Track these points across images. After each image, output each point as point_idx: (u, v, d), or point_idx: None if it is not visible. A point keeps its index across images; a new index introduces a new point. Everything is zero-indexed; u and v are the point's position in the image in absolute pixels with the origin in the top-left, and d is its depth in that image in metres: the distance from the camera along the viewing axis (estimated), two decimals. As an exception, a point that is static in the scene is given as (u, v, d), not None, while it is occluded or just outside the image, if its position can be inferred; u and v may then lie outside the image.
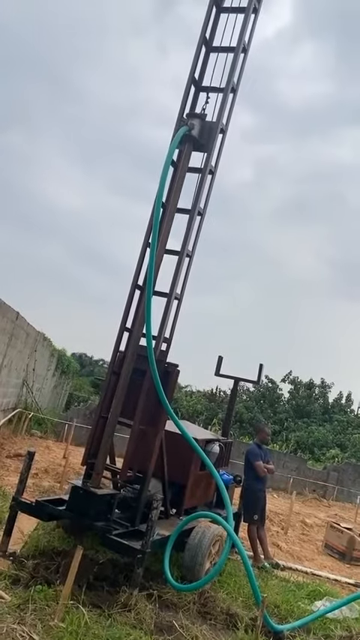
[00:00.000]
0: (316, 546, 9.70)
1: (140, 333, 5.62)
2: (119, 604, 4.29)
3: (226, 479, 7.12)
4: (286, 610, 5.40)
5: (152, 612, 4.38)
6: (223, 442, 7.24)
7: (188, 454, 6.03)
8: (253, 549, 7.26)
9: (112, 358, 5.78)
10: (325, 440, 27.31)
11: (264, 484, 7.71)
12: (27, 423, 14.42)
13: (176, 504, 6.19)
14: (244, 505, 7.50)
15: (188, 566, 5.40)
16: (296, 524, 11.07)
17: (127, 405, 5.46)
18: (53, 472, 9.70)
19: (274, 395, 32.53)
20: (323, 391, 32.58)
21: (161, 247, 5.73)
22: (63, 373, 24.99)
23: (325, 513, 13.97)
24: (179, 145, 5.81)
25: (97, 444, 5.42)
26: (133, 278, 5.80)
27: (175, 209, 5.87)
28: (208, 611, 4.84)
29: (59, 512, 5.12)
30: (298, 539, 9.93)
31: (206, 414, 28.96)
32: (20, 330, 14.52)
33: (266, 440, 8.33)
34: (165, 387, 5.42)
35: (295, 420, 30.06)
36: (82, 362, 45.47)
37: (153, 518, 4.72)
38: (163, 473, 5.78)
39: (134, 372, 5.51)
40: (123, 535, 4.92)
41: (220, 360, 8.60)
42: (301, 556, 8.68)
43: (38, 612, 3.85)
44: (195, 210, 5.87)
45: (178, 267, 5.77)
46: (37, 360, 17.87)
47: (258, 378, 8.55)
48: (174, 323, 5.87)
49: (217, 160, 6.21)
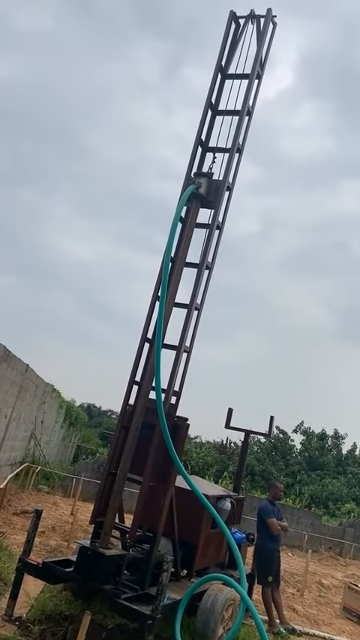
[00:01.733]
0: (334, 609, 9.19)
1: (149, 387, 5.61)
2: None
3: (238, 537, 6.89)
4: None
5: None
6: (235, 498, 7.05)
7: (199, 512, 5.87)
8: (268, 613, 6.91)
9: (122, 412, 5.75)
10: (339, 494, 26.44)
11: (278, 543, 7.44)
12: (34, 477, 14.15)
13: (187, 565, 5.98)
14: (258, 566, 7.22)
15: (200, 633, 5.14)
16: (312, 585, 10.55)
17: (137, 460, 5.38)
18: (60, 530, 9.43)
19: (285, 446, 31.84)
20: (336, 442, 31.86)
21: (170, 301, 5.81)
22: (71, 425, 24.74)
23: (342, 573, 13.33)
24: (187, 202, 6.01)
25: (106, 502, 5.31)
26: (142, 331, 5.85)
27: (183, 263, 6.00)
28: None
29: (66, 575, 4.95)
30: (315, 601, 9.44)
31: (217, 466, 28.29)
32: (29, 382, 14.53)
33: (279, 496, 8.09)
34: (175, 442, 5.35)
35: (309, 472, 29.25)
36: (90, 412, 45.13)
37: (164, 581, 4.54)
38: (173, 532, 5.61)
39: (143, 426, 5.47)
40: (132, 599, 4.73)
41: (230, 412, 8.51)
42: (319, 620, 8.22)
43: None
44: (203, 265, 5.99)
45: (187, 320, 5.83)
46: (46, 412, 17.76)
47: (269, 430, 8.42)
48: (183, 376, 5.87)
49: (224, 215, 6.39)
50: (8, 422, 12.87)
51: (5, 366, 11.76)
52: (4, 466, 13.28)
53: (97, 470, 16.62)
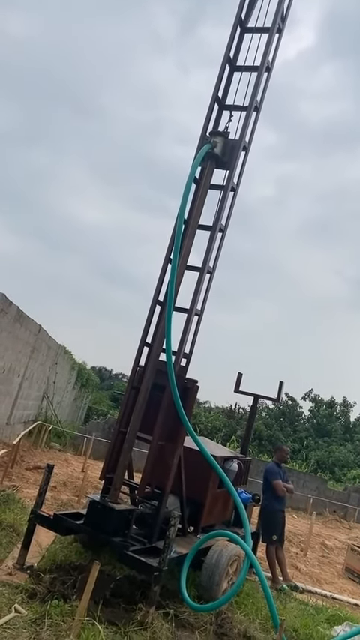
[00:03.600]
0: (337, 569, 9.46)
1: (160, 349, 5.63)
2: (135, 622, 4.24)
3: (244, 497, 7.03)
4: (304, 634, 5.26)
5: (168, 632, 4.32)
6: (242, 460, 7.17)
7: (206, 471, 5.98)
8: (272, 570, 7.13)
9: (132, 373, 5.80)
10: (346, 460, 26.81)
11: (283, 504, 7.59)
12: (46, 435, 14.50)
13: (194, 522, 6.13)
14: (263, 525, 7.39)
15: (205, 586, 5.32)
16: (316, 545, 10.83)
17: (146, 420, 5.46)
18: (72, 485, 9.71)
19: (294, 413, 32.18)
20: (345, 410, 32.12)
21: (182, 263, 5.77)
22: (83, 386, 25.15)
23: (345, 535, 13.64)
24: (202, 162, 5.88)
25: (116, 459, 5.43)
26: (154, 294, 5.84)
27: (196, 225, 5.92)
28: (225, 633, 4.74)
29: (77, 527, 5.11)
30: (318, 561, 9.70)
31: (225, 430, 28.73)
32: (42, 343, 14.70)
33: (285, 459, 8.22)
34: (184, 403, 5.41)
35: (316, 438, 29.62)
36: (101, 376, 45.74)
37: (170, 535, 4.68)
38: (181, 490, 5.74)
39: (153, 387, 5.52)
40: (140, 552, 4.89)
41: (240, 376, 8.55)
42: (321, 579, 8.48)
43: (54, 628, 3.83)
44: (216, 227, 5.91)
45: (199, 283, 5.79)
46: (58, 373, 18.03)
47: (278, 395, 8.46)
48: (194, 339, 5.88)
49: (239, 177, 6.26)
50: (21, 381, 13.11)
51: (18, 327, 11.88)
52: (17, 424, 13.61)
53: (108, 430, 16.96)
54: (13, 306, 11.11)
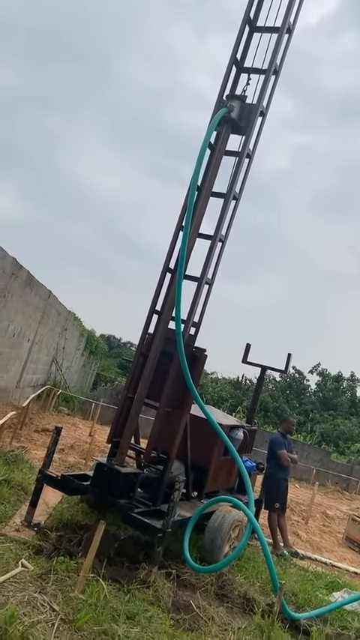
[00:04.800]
0: (337, 538, 9.65)
1: (169, 317, 5.63)
2: (138, 580, 4.37)
3: (248, 465, 7.12)
4: (303, 599, 5.40)
5: (170, 591, 4.44)
6: (248, 429, 7.23)
7: (212, 439, 6.05)
8: (273, 537, 7.27)
9: (141, 340, 5.82)
10: (350, 433, 27.02)
11: (287, 473, 7.69)
12: (55, 399, 14.72)
13: (198, 487, 6.23)
14: (266, 493, 7.51)
15: (207, 549, 5.45)
16: (317, 515, 11.03)
17: (154, 387, 5.50)
18: (79, 449, 9.89)
19: (300, 386, 32.32)
20: (352, 385, 32.19)
21: (194, 231, 5.70)
22: (91, 353, 25.36)
23: (347, 506, 13.86)
24: (218, 126, 5.74)
25: (123, 424, 5.50)
26: (165, 261, 5.79)
27: (210, 192, 5.82)
28: (225, 594, 4.87)
29: (84, 488, 5.22)
30: (319, 529, 9.89)
31: (231, 401, 28.98)
32: (52, 308, 14.76)
33: (291, 430, 8.29)
34: (192, 372, 5.43)
35: (321, 412, 29.81)
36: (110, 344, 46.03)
37: (175, 498, 4.76)
38: (186, 456, 5.82)
39: (162, 355, 5.54)
40: (144, 514, 4.99)
41: (248, 347, 8.55)
42: (321, 547, 8.66)
43: (59, 583, 3.95)
44: (230, 195, 5.80)
45: (211, 251, 5.73)
46: (67, 339, 18.17)
47: (286, 367, 8.46)
48: (204, 308, 5.86)
49: (255, 143, 6.11)
50: (31, 345, 13.23)
51: (28, 291, 11.92)
52: (26, 387, 13.81)
53: (116, 396, 17.18)
54: (24, 270, 11.12)
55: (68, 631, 3.32)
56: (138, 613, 3.82)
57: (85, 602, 3.62)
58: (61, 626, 3.36)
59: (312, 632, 4.53)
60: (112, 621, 3.49)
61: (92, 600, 3.69)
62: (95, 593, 3.79)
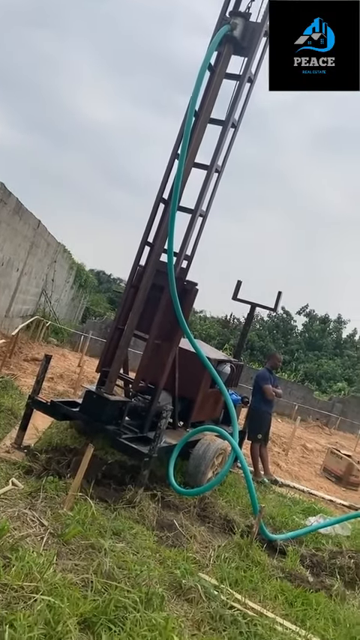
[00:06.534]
0: (315, 469, 10.12)
1: (161, 249, 5.53)
2: (124, 500, 4.56)
3: (234, 399, 7.29)
4: (280, 522, 5.71)
5: (155, 511, 4.65)
6: (235, 364, 7.36)
7: (200, 371, 6.15)
8: (254, 465, 7.59)
9: (132, 272, 5.75)
10: (333, 373, 27.71)
11: (271, 407, 7.92)
12: (44, 330, 14.76)
13: (184, 418, 6.41)
14: (250, 424, 7.75)
15: (191, 474, 5.67)
16: (297, 447, 11.49)
17: (144, 319, 5.51)
18: (68, 378, 10.04)
19: (287, 326, 32.67)
20: (338, 326, 32.61)
21: (190, 159, 5.49)
22: (81, 287, 25.21)
23: (326, 440, 14.44)
24: (219, 46, 5.39)
25: (112, 354, 5.54)
26: (159, 190, 5.62)
27: (208, 118, 5.56)
28: (207, 515, 5.12)
29: (73, 413, 5.33)
30: (298, 460, 10.35)
31: (218, 338, 29.33)
32: (41, 238, 14.48)
33: (277, 366, 8.45)
34: (182, 305, 5.41)
35: (306, 352, 30.36)
36: (100, 279, 45.66)
37: (161, 426, 4.90)
38: (174, 387, 5.94)
39: (153, 287, 5.50)
40: (132, 439, 5.15)
41: (239, 284, 8.53)
42: (299, 476, 9.08)
43: (48, 501, 4.10)
44: (229, 122, 5.56)
45: (206, 182, 5.56)
46: (57, 271, 17.98)
47: (275, 305, 8.50)
48: (196, 241, 5.77)
49: (257, 66, 5.78)
50: (20, 275, 13.08)
51: (17, 219, 11.62)
52: (15, 317, 13.78)
53: (105, 330, 17.28)
54: (13, 197, 10.78)
55: (57, 544, 3.47)
56: (124, 530, 4.01)
57: (73, 518, 3.78)
58: (50, 539, 3.51)
59: (288, 552, 4.82)
60: (98, 536, 3.66)
61: (80, 517, 3.84)
62: (83, 511, 3.95)
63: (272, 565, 4.39)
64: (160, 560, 3.78)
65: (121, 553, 3.54)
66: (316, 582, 4.36)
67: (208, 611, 3.23)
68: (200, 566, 3.93)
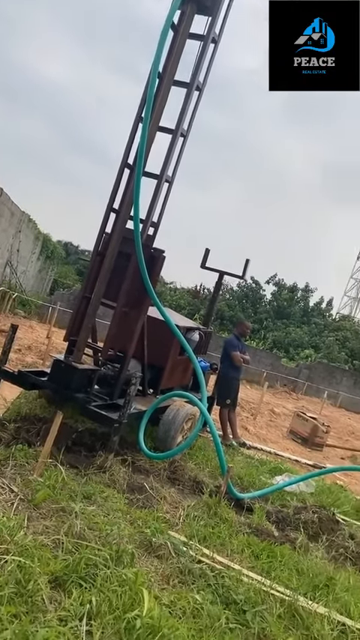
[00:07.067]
0: (282, 432, 10.42)
1: (127, 215, 5.47)
2: (95, 466, 4.62)
3: (203, 366, 7.39)
4: (248, 482, 5.89)
5: (125, 475, 4.73)
6: (204, 331, 7.43)
7: (169, 339, 6.19)
8: (223, 429, 7.76)
9: (98, 239, 5.67)
10: (300, 341, 28.26)
11: (239, 373, 8.06)
12: (11, 302, 14.50)
13: (154, 385, 6.47)
14: (218, 390, 7.89)
15: (161, 439, 5.77)
16: (265, 412, 11.79)
17: (111, 287, 5.48)
18: (36, 350, 9.95)
19: (256, 295, 32.97)
20: (305, 295, 33.10)
21: (154, 123, 5.38)
22: (48, 258, 24.73)
23: (293, 405, 14.84)
24: (182, 4, 5.23)
25: (80, 322, 5.50)
26: (123, 155, 5.51)
27: (172, 80, 5.44)
28: (176, 478, 5.24)
29: (41, 383, 5.32)
30: (266, 424, 10.63)
31: (189, 309, 29.41)
32: (4, 207, 14.08)
33: (245, 333, 8.56)
34: (150, 272, 5.40)
35: (275, 320, 30.80)
36: (67, 250, 44.83)
37: (131, 393, 4.94)
38: (143, 355, 5.96)
39: (119, 255, 5.45)
40: (101, 407, 5.18)
41: (207, 252, 8.53)
42: (267, 439, 9.35)
43: (18, 468, 4.11)
44: (194, 84, 5.46)
45: (172, 146, 5.48)
46: (22, 242, 17.57)
47: (243, 272, 8.54)
48: (163, 207, 5.72)
49: (221, 27, 5.66)
50: (-17, 247, 12.74)
51: (-23, 188, 11.24)
52: (-20, 290, 13.48)
53: (73, 301, 17.09)
54: (-28, 164, 10.38)
55: (27, 509, 3.50)
56: (94, 493, 4.07)
57: (44, 484, 3.81)
58: (20, 504, 3.54)
59: (255, 509, 4.99)
60: (69, 500, 3.71)
61: (50, 482, 3.88)
62: (53, 477, 3.98)
63: (239, 522, 4.55)
64: (130, 520, 3.87)
65: (91, 515, 3.60)
66: (281, 536, 4.55)
67: (177, 566, 3.35)
68: (170, 525, 4.04)
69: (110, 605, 2.59)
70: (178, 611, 2.84)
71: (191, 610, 2.87)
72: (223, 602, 3.07)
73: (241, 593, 3.16)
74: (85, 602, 2.54)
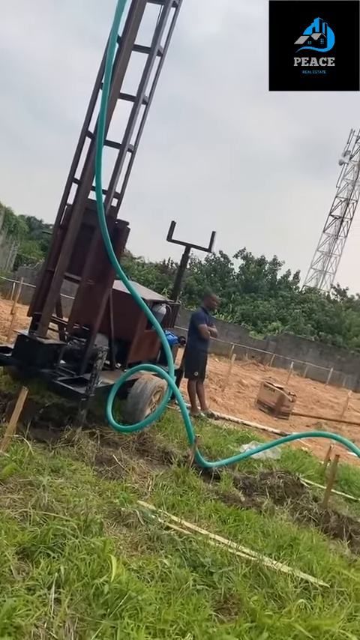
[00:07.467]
0: (250, 402, 10.62)
1: (90, 186, 5.35)
2: (63, 440, 4.61)
3: (170, 339, 7.41)
4: (216, 451, 5.99)
5: (94, 448, 4.75)
6: (171, 304, 7.42)
7: (136, 313, 6.15)
8: (192, 401, 7.85)
9: (60, 211, 5.54)
10: (268, 314, 28.62)
11: (206, 345, 8.11)
12: (-28, 279, 14.15)
13: (122, 359, 6.46)
14: (186, 363, 7.94)
15: (130, 412, 5.79)
16: (233, 383, 11.96)
17: (76, 260, 5.38)
18: (0, 326, 9.77)
19: (225, 269, 33.08)
20: (273, 268, 33.39)
21: (115, 90, 5.23)
22: (10, 233, 24.11)
23: (260, 376, 15.10)
24: (141, -36, 5.05)
25: (44, 297, 5.41)
26: (84, 124, 5.36)
27: (132, 45, 5.28)
28: (145, 450, 5.29)
29: (6, 359, 5.23)
30: (234, 395, 10.80)
31: (157, 283, 29.30)
32: None
33: (212, 306, 8.60)
34: (114, 245, 5.32)
35: (243, 294, 31.04)
36: (31, 225, 43.78)
37: (97, 367, 4.92)
38: (109, 329, 5.92)
39: (83, 227, 5.35)
40: (68, 381, 5.15)
41: (173, 225, 8.44)
42: (235, 409, 9.51)
43: (-16, 444, 4.07)
44: (155, 49, 5.31)
45: (133, 114, 5.35)
46: (-18, 216, 17.02)
47: (210, 245, 8.51)
48: (126, 178, 5.61)
49: (183, -10, 5.49)
50: None
51: None
52: None
53: (37, 276, 16.77)
54: None
55: (-6, 484, 3.48)
56: (62, 467, 4.07)
57: (10, 458, 3.78)
58: (-13, 480, 3.51)
59: (222, 477, 5.10)
60: (37, 474, 3.69)
61: (17, 457, 3.85)
62: (20, 451, 3.96)
63: (207, 489, 4.64)
64: (99, 491, 3.89)
65: (59, 488, 3.61)
66: (248, 501, 4.67)
67: (146, 534, 3.40)
68: (139, 494, 4.09)
69: (79, 572, 2.62)
70: (146, 575, 2.90)
71: (159, 574, 2.93)
72: (191, 565, 3.14)
73: (208, 556, 3.24)
74: (53, 571, 2.56)
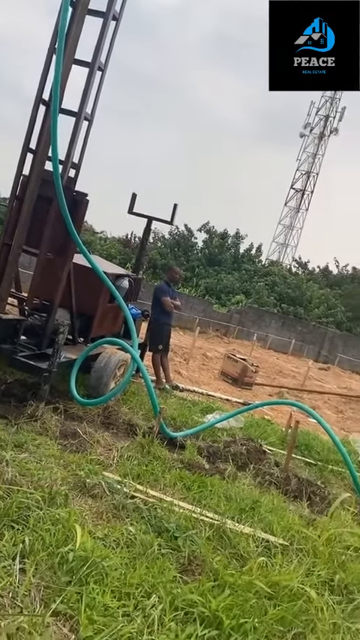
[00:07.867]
0: (214, 374, 10.77)
1: (45, 156, 5.19)
2: (26, 415, 4.58)
3: (134, 313, 7.39)
4: (181, 422, 6.08)
5: (58, 422, 4.74)
6: (133, 278, 7.38)
7: (97, 287, 6.09)
8: (156, 374, 7.89)
9: (15, 183, 5.37)
10: (232, 287, 28.83)
11: (170, 318, 8.13)
12: None
13: (84, 334, 6.40)
14: (150, 336, 7.95)
15: (94, 386, 5.78)
16: (198, 356, 12.08)
17: (34, 233, 5.25)
18: None
19: (188, 243, 32.97)
20: (236, 241, 33.50)
21: (69, 56, 5.06)
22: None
23: (224, 349, 15.28)
24: None
25: (2, 271, 5.27)
26: (37, 91, 5.16)
27: (85, 9, 5.08)
28: (110, 423, 5.32)
29: None
30: (198, 368, 10.92)
31: (120, 257, 28.98)
32: None
33: (175, 279, 8.59)
34: (73, 217, 5.22)
35: (206, 267, 31.08)
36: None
37: (59, 341, 4.87)
38: (71, 303, 5.85)
39: (40, 199, 5.20)
40: (30, 357, 5.08)
41: (134, 197, 8.33)
42: (199, 381, 9.63)
43: None
44: (110, 13, 5.13)
45: (89, 81, 5.20)
46: None
47: (171, 218, 8.45)
48: (83, 147, 5.48)
49: None
50: None
51: None
52: None
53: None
54: None
55: None
56: (26, 442, 4.06)
57: (-29, 435, 3.74)
58: None
59: (187, 446, 5.19)
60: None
61: (-22, 434, 3.81)
62: (-19, 428, 3.92)
63: (172, 458, 4.72)
64: (64, 465, 3.91)
65: (23, 462, 3.60)
66: (212, 468, 4.78)
67: (111, 503, 3.44)
68: (104, 466, 4.12)
69: (43, 543, 2.64)
70: (112, 543, 2.94)
71: (125, 541, 2.99)
72: (156, 531, 3.21)
73: (173, 522, 3.32)
74: (17, 542, 2.57)
